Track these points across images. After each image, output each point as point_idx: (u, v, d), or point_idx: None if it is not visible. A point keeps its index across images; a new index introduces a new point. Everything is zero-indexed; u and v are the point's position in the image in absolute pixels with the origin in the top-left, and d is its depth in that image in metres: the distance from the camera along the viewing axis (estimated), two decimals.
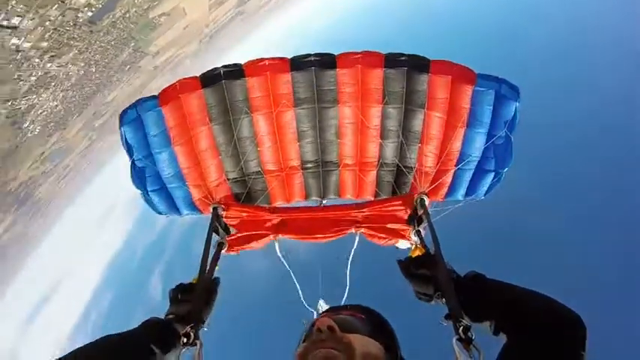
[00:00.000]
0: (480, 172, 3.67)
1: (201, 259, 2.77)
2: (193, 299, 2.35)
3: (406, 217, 3.43)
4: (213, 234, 3.25)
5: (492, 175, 3.64)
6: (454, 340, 1.79)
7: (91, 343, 1.77)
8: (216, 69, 3.56)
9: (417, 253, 2.81)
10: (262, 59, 3.59)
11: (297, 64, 3.57)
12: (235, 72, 3.56)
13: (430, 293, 2.23)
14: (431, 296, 2.23)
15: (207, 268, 2.75)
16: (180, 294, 2.42)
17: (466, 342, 1.77)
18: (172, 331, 2.09)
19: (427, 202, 3.36)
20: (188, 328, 2.07)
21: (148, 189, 3.63)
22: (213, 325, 2.45)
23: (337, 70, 3.59)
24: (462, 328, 1.83)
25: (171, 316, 2.25)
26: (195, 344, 2.05)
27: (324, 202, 4.19)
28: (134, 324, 2.05)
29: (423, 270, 2.33)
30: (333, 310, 1.82)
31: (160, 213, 3.80)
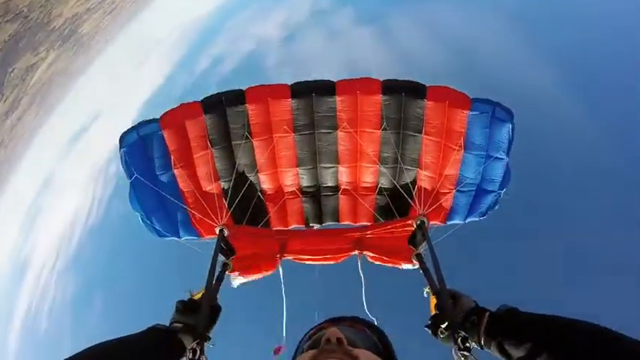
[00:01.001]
0: (478, 194, 3.68)
1: (206, 279, 2.77)
2: (200, 314, 2.34)
3: (407, 239, 3.41)
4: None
5: (491, 196, 3.65)
6: (453, 350, 1.84)
7: (89, 349, 1.70)
8: (217, 95, 3.67)
9: (433, 300, 2.59)
10: (263, 86, 3.71)
11: (297, 90, 3.69)
12: (236, 98, 3.67)
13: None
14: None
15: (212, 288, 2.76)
16: (188, 306, 2.41)
17: (464, 351, 1.83)
18: (178, 341, 2.07)
19: (427, 224, 3.34)
20: (194, 344, 2.08)
21: (147, 211, 3.64)
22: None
23: (336, 97, 3.69)
24: (460, 339, 1.87)
25: (178, 325, 2.23)
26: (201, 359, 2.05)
27: (315, 227, 4.19)
28: None
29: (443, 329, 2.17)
30: (333, 321, 1.74)
31: (159, 235, 3.78)
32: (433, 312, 2.41)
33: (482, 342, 1.87)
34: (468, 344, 1.85)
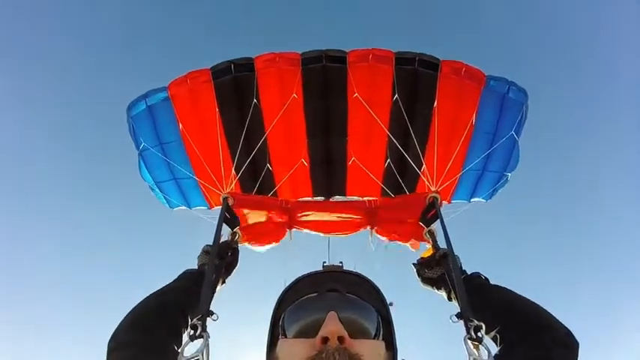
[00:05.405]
0: (486, 175, 3.73)
1: (210, 251, 2.55)
2: (204, 286, 2.17)
3: (418, 216, 3.33)
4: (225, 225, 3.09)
5: (498, 177, 3.71)
6: (464, 338, 1.80)
7: (140, 304, 1.85)
8: (226, 62, 3.53)
9: (428, 253, 2.80)
10: (273, 54, 3.57)
11: (308, 59, 3.56)
12: (246, 66, 3.55)
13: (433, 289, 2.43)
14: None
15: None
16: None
17: (476, 341, 1.78)
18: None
19: (439, 201, 3.35)
20: (195, 320, 1.94)
21: (157, 181, 3.64)
22: None
23: (347, 66, 3.57)
24: (472, 328, 1.83)
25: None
26: (202, 336, 1.87)
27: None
28: None
29: (429, 273, 2.48)
30: (330, 277, 1.54)
31: (170, 205, 3.81)
32: (424, 256, 2.69)
33: (450, 297, 2.22)
34: (480, 334, 1.79)
